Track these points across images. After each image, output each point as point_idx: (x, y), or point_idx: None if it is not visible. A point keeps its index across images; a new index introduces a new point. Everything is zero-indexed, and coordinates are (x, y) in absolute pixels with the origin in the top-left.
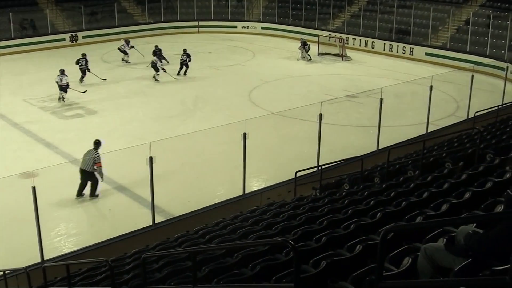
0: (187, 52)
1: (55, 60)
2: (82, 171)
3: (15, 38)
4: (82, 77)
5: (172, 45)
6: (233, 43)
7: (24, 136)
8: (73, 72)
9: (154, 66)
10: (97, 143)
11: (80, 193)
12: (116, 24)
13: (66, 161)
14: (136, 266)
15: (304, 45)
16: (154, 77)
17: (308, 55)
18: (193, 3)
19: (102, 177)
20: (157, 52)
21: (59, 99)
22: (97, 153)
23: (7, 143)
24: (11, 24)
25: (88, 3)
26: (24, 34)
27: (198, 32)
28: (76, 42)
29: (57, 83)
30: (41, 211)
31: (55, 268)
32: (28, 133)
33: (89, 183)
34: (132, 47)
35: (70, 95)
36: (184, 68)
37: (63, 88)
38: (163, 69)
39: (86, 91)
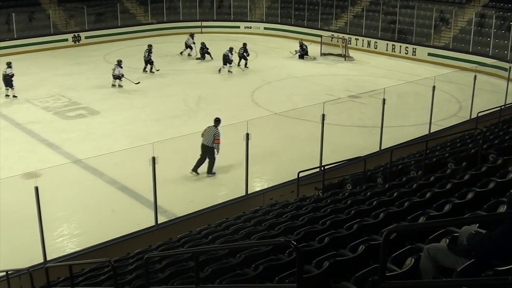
0: (246, 47)
1: (57, 61)
2: (204, 147)
3: (17, 38)
4: (145, 68)
5: (175, 45)
6: (236, 43)
7: (26, 136)
8: (81, 71)
9: (226, 58)
10: (218, 121)
11: (196, 169)
12: (119, 25)
13: (68, 161)
14: (139, 267)
15: (301, 46)
16: (221, 70)
17: (310, 56)
18: (195, 4)
19: (218, 152)
20: (204, 49)
21: (112, 85)
22: (217, 130)
23: (9, 144)
24: (14, 24)
25: (90, 4)
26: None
27: (201, 33)
28: (78, 42)
29: (112, 70)
30: (44, 211)
31: (57, 269)
32: (30, 133)
33: (206, 161)
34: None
35: (73, 95)
36: (243, 60)
37: (117, 77)
38: (231, 60)
39: (139, 82)
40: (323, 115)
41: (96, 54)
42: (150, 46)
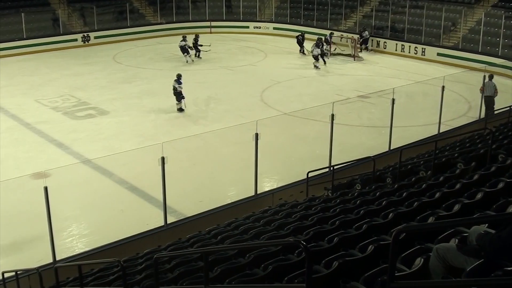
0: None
1: (67, 61)
2: (487, 98)
3: (27, 38)
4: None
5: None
6: (245, 43)
7: (36, 136)
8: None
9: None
10: (491, 76)
11: (488, 114)
12: (128, 25)
13: (78, 161)
14: (148, 267)
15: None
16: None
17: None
18: (205, 4)
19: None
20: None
21: (315, 67)
22: (494, 83)
23: (19, 144)
24: (23, 25)
25: (100, 4)
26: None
27: (210, 33)
28: (88, 42)
29: (310, 52)
30: (53, 211)
31: (67, 269)
32: (40, 133)
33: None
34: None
35: (82, 95)
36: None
37: (316, 57)
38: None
39: (344, 50)
40: (332, 115)
41: (106, 54)
42: (331, 33)
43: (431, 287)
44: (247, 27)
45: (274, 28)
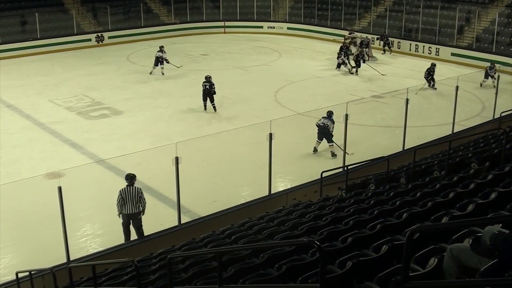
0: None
1: (81, 61)
2: None
3: (41, 38)
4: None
5: (198, 45)
6: (259, 43)
7: (50, 136)
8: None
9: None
10: None
11: None
12: (142, 25)
13: (92, 161)
14: (162, 267)
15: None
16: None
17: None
18: (219, 4)
19: None
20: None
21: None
22: None
23: (33, 144)
24: (37, 25)
25: (114, 4)
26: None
27: (224, 33)
28: (102, 42)
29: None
30: (67, 211)
31: (81, 269)
32: (54, 133)
33: None
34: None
35: (96, 95)
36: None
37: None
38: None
39: (385, 74)
40: (346, 115)
41: (119, 54)
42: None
43: (445, 287)
44: (261, 27)
45: (288, 28)
